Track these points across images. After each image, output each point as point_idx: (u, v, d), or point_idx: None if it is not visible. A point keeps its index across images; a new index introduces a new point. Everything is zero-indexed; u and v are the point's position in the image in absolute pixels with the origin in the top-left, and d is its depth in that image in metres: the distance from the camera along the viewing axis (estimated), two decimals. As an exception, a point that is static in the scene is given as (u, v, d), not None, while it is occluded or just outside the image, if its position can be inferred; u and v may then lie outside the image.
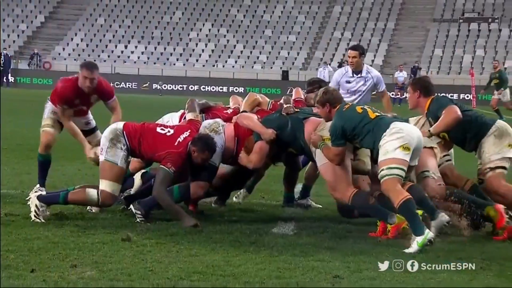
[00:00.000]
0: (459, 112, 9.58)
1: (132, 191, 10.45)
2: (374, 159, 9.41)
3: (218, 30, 62.71)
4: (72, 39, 61.87)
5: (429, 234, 8.35)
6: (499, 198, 9.62)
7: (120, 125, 9.77)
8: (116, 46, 61.68)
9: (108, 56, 60.67)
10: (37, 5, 63.96)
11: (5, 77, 51.23)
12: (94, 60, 57.32)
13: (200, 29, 62.89)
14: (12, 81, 53.52)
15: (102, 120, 11.20)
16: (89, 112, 11.15)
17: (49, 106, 10.88)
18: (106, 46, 61.70)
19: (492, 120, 10.08)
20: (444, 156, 10.05)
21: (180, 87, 54.89)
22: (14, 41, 60.38)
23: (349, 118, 9.10)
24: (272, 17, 63.30)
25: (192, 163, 9.62)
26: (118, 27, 62.94)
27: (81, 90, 10.57)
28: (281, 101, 10.46)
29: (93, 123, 11.18)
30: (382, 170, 8.76)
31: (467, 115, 9.86)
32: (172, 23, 63.22)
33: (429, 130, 9.66)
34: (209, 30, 62.86)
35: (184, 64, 60.18)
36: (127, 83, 55.56)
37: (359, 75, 12.69)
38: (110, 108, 11.02)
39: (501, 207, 9.42)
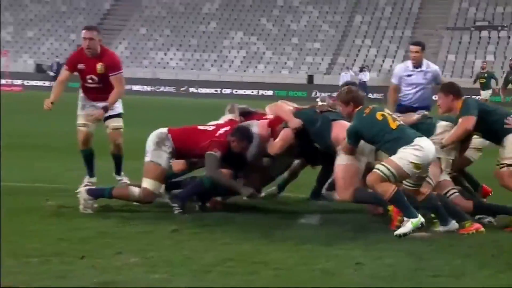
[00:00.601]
0: (471, 125, 9.35)
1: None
2: None
3: (249, 39, 62.68)
4: (116, 47, 62.01)
5: (421, 218, 8.34)
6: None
7: (164, 129, 9.77)
8: (156, 54, 61.81)
9: (150, 63, 60.83)
10: (86, 16, 64.26)
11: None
12: (137, 67, 57.70)
13: (233, 38, 62.91)
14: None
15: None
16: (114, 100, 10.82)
17: (80, 101, 10.90)
18: (148, 53, 61.86)
19: None
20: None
21: (215, 91, 54.94)
22: (65, 50, 60.63)
23: (368, 124, 8.90)
24: (298, 26, 63.19)
25: (231, 154, 9.63)
26: (158, 36, 63.09)
27: (86, 55, 10.56)
28: (318, 99, 10.42)
29: (118, 109, 10.95)
30: (382, 165, 8.63)
31: (496, 114, 9.71)
32: (207, 32, 63.27)
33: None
34: (241, 38, 62.84)
35: (218, 70, 60.26)
36: (166, 87, 55.70)
37: (419, 69, 12.53)
38: (113, 81, 10.73)
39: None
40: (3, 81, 50.22)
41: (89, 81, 10.61)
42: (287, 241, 8.11)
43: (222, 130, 9.72)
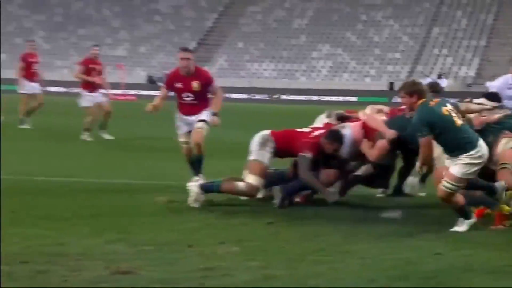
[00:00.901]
0: None
1: None
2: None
3: (335, 50, 62.50)
4: (217, 60, 62.68)
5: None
6: None
7: (267, 132, 9.86)
8: (252, 65, 62.15)
9: (246, 73, 61.19)
10: (191, 33, 64.94)
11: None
12: (234, 77, 58.07)
13: (320, 50, 62.83)
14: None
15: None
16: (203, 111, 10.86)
17: (176, 121, 11.02)
18: (244, 65, 62.23)
19: None
20: None
21: (304, 98, 54.89)
22: (173, 63, 61.21)
23: (436, 115, 8.35)
24: (380, 38, 62.74)
25: (324, 155, 9.63)
26: (254, 50, 63.40)
27: (181, 74, 10.65)
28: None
29: (205, 117, 10.82)
30: (446, 181, 8.20)
31: None
32: (297, 45, 63.32)
33: None
34: (328, 50, 62.71)
35: (307, 79, 60.24)
36: (261, 95, 55.93)
37: None
38: (212, 92, 10.88)
39: None
40: (119, 91, 51.09)
41: (185, 98, 10.69)
42: (372, 233, 8.10)
43: (317, 133, 9.74)
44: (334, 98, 53.56)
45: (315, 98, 54.14)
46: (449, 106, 8.55)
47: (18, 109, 21.61)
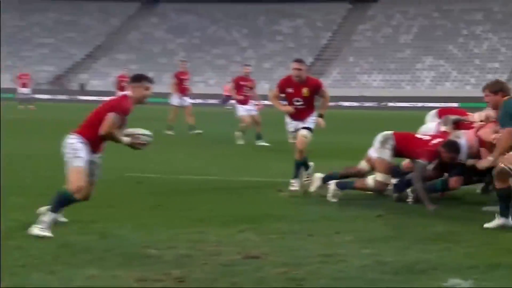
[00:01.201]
0: None
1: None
2: None
3: (438, 62, 61.31)
4: (331, 73, 62.57)
5: None
6: None
7: (389, 132, 9.69)
8: (362, 77, 61.71)
9: (356, 84, 60.79)
10: (309, 50, 65.05)
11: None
12: (346, 87, 57.81)
13: (424, 61, 61.71)
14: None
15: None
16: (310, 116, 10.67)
17: (287, 124, 10.83)
18: (355, 77, 61.86)
19: None
20: None
21: (409, 105, 53.89)
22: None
23: None
24: (480, 50, 61.06)
25: (443, 162, 9.38)
26: (364, 63, 62.92)
27: (293, 80, 10.53)
28: None
29: (311, 124, 10.65)
30: None
31: None
32: (403, 58, 62.43)
33: None
34: (431, 61, 61.57)
35: (412, 88, 59.25)
36: (370, 103, 55.39)
37: None
38: (320, 95, 10.70)
39: None
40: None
41: (295, 102, 10.57)
42: (474, 224, 7.92)
43: (435, 141, 9.46)
44: (437, 105, 52.35)
45: (419, 105, 53.18)
46: None
47: (167, 118, 22.18)
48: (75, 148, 6.96)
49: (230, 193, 10.34)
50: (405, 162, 10.22)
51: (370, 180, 9.56)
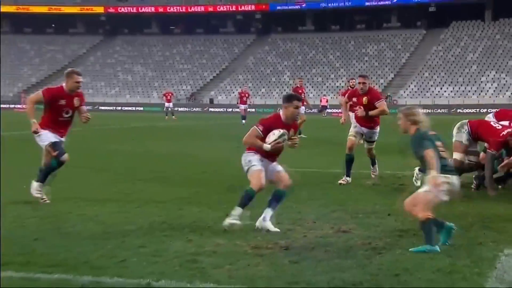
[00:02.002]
0: None
1: None
2: None
3: (500, 75, 58.72)
4: (409, 86, 61.07)
5: None
6: None
7: (465, 120, 9.35)
8: (435, 88, 59.87)
9: (430, 95, 59.07)
10: (390, 68, 63.88)
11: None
12: (422, 97, 56.22)
13: (488, 75, 59.25)
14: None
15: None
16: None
17: (352, 123, 10.47)
18: (429, 88, 60.10)
19: None
20: None
21: (474, 111, 51.49)
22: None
23: None
24: (535, 65, 58.09)
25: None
26: (436, 77, 61.06)
27: (358, 92, 10.21)
28: None
29: (374, 138, 10.42)
30: None
31: None
32: (470, 72, 60.17)
33: None
34: (494, 75, 59.01)
35: (477, 97, 56.88)
36: (441, 109, 53.53)
37: None
38: (377, 106, 10.13)
39: None
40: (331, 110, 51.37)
41: (357, 109, 10.18)
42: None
43: (505, 131, 8.81)
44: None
45: (483, 110, 51.17)
46: None
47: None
48: (249, 160, 6.55)
49: (325, 181, 10.26)
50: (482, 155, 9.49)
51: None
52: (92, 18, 74.23)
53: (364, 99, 10.09)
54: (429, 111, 52.59)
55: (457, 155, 9.02)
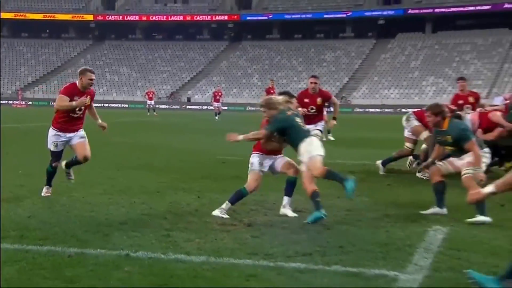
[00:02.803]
0: None
1: None
2: None
3: (438, 80, 59.55)
4: (361, 88, 61.50)
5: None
6: None
7: (409, 112, 9.05)
8: (383, 91, 60.23)
9: (379, 96, 59.49)
10: (344, 72, 64.25)
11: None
12: (371, 98, 56.58)
13: (428, 80, 59.91)
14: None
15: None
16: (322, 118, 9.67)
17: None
18: (378, 91, 60.56)
19: None
20: None
21: (416, 110, 52.45)
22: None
23: None
24: (468, 71, 58.48)
25: None
26: (384, 81, 61.53)
27: (310, 93, 9.50)
28: None
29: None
30: None
31: None
32: (413, 78, 60.86)
33: None
34: (433, 80, 59.70)
35: (418, 98, 57.48)
36: (388, 109, 53.78)
37: None
38: (331, 103, 9.62)
39: None
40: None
41: (310, 110, 9.47)
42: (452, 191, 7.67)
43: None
44: (437, 110, 50.76)
45: (424, 110, 51.82)
46: None
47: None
48: (251, 162, 6.28)
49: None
50: None
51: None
52: (82, 25, 73.08)
53: (319, 99, 9.54)
54: (378, 110, 53.79)
55: (425, 134, 8.89)
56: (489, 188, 3.78)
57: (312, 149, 5.93)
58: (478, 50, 61.68)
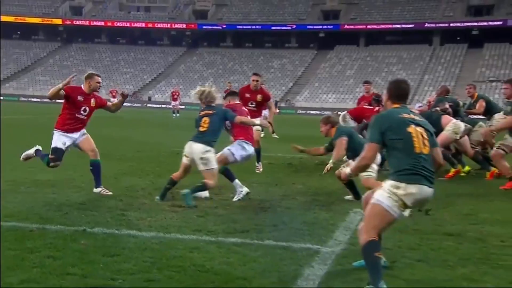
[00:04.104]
0: None
1: None
2: None
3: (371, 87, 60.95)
4: (304, 93, 62.20)
5: None
6: None
7: (343, 113, 8.96)
8: (322, 95, 61.33)
9: (319, 100, 60.41)
10: (289, 79, 64.85)
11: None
12: (312, 102, 57.38)
13: (361, 87, 61.06)
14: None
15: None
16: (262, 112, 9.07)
17: None
18: (318, 95, 61.51)
19: None
20: None
21: (351, 113, 53.57)
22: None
23: None
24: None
25: None
26: (324, 87, 62.53)
27: (251, 89, 8.91)
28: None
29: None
30: None
31: None
32: (348, 84, 62.02)
33: None
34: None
35: (353, 103, 58.78)
36: (327, 112, 54.76)
37: None
38: (268, 106, 9.14)
39: None
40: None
41: (250, 105, 8.80)
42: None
43: (377, 108, 8.70)
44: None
45: (357, 113, 52.86)
46: None
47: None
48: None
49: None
50: None
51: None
52: (51, 28, 70.73)
53: (259, 96, 8.99)
54: (318, 112, 54.63)
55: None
56: (347, 170, 4.03)
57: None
58: (403, 62, 63.69)
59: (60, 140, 6.25)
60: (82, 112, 6.38)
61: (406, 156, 3.38)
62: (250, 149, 6.58)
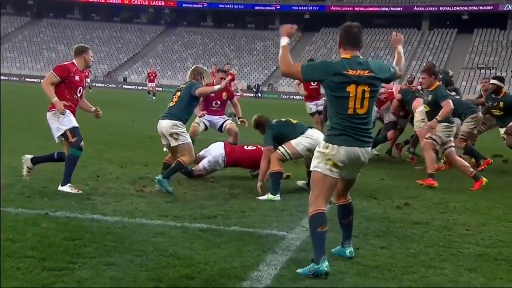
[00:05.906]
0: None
1: None
2: None
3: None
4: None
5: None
6: None
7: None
8: (306, 80, 61.44)
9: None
10: (273, 61, 64.79)
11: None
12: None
13: (346, 72, 61.68)
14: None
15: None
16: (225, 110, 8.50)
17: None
18: (302, 79, 61.60)
19: None
20: None
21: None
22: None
23: None
24: (381, 66, 61.24)
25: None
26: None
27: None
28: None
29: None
30: None
31: None
32: None
33: None
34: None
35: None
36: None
37: None
38: (233, 104, 8.66)
39: None
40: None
41: (214, 105, 8.26)
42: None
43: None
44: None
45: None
46: None
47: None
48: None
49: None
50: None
51: None
52: (20, 1, 69.18)
53: (224, 94, 8.37)
54: (302, 98, 54.72)
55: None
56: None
57: None
58: (391, 47, 63.62)
59: (70, 122, 5.75)
60: (78, 93, 5.83)
61: (338, 115, 3.41)
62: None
